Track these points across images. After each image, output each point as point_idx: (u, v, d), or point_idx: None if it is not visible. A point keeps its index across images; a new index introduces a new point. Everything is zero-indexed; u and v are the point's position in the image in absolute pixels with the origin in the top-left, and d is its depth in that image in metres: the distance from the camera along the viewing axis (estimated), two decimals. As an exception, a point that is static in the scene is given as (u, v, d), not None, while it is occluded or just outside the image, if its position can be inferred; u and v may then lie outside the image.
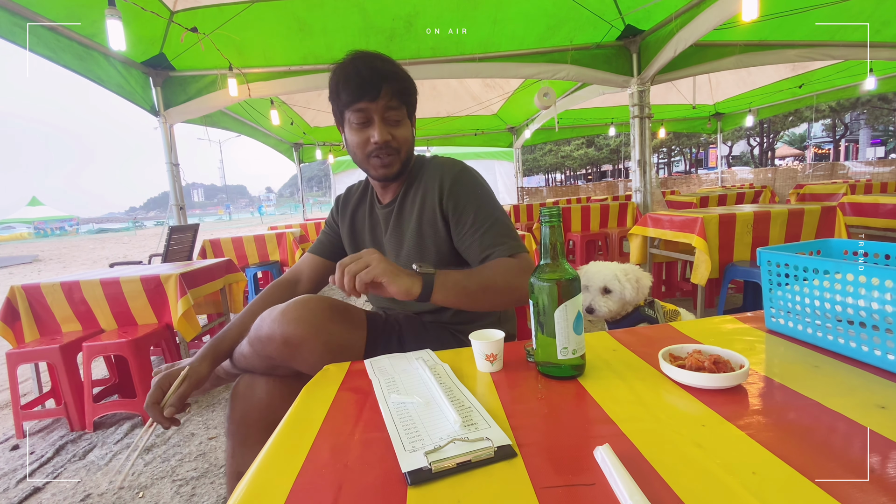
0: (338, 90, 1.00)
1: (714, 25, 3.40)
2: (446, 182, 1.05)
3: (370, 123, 1.00)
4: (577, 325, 0.66)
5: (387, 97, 0.99)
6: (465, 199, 1.04)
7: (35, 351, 2.03)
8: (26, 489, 1.66)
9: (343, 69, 0.99)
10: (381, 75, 0.98)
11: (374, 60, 0.99)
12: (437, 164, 1.11)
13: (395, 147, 1.03)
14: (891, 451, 0.44)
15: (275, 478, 0.48)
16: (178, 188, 4.36)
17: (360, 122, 1.00)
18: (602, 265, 1.47)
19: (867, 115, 25.99)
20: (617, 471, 0.42)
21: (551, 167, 37.99)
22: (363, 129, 1.01)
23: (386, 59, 1.01)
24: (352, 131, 1.03)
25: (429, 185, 1.08)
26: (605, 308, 1.42)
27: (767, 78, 6.75)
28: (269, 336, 0.85)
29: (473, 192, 1.05)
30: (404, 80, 1.03)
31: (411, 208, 1.10)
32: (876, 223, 3.63)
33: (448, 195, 1.05)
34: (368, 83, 0.97)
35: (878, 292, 0.61)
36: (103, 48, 3.50)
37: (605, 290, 1.43)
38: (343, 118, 1.04)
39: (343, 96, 0.99)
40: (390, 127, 1.02)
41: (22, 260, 13.72)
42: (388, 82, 0.98)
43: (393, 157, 1.03)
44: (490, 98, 6.96)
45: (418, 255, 1.07)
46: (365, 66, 0.98)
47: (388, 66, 1.00)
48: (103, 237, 28.88)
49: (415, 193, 1.11)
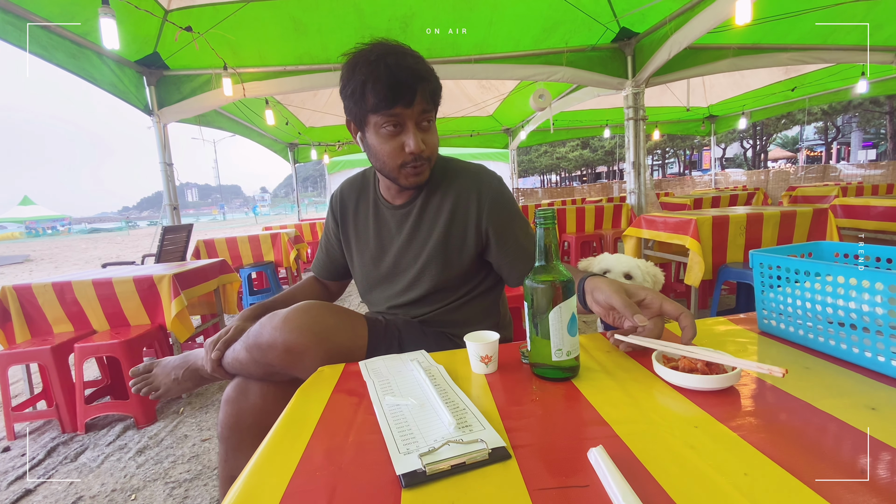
0: (363, 91, 0.87)
1: (708, 29, 3.42)
2: (486, 197, 1.01)
3: (403, 130, 0.91)
4: (571, 326, 0.67)
5: (422, 102, 0.89)
6: (509, 219, 1.02)
7: (26, 352, 2.01)
8: (18, 491, 1.64)
9: (371, 68, 0.86)
10: (417, 76, 0.87)
11: (406, 58, 0.88)
12: (472, 172, 1.05)
13: (428, 156, 0.95)
14: (882, 453, 0.45)
15: (268, 480, 0.48)
16: (172, 188, 4.33)
17: (390, 128, 0.90)
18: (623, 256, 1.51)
19: (859, 118, 26.26)
20: (610, 472, 0.43)
21: (546, 168, 38.12)
22: (394, 136, 0.91)
23: (416, 56, 0.90)
24: (379, 138, 0.92)
25: (462, 194, 1.02)
26: None
27: (760, 81, 6.80)
28: (271, 344, 0.84)
29: (514, 211, 1.04)
30: (436, 78, 0.93)
31: (436, 215, 1.03)
32: (867, 225, 3.67)
33: (490, 213, 1.01)
34: (404, 86, 0.86)
35: (868, 294, 0.62)
36: (97, 47, 3.47)
37: (627, 275, 1.46)
38: (365, 121, 0.92)
39: (372, 99, 0.87)
40: (424, 134, 0.93)
41: (13, 260, 13.58)
42: (424, 83, 0.89)
43: (425, 165, 0.95)
44: (486, 99, 6.97)
45: (441, 263, 1.03)
46: (398, 65, 0.86)
47: (420, 64, 0.89)
48: (96, 237, 28.66)
49: (441, 199, 1.03)
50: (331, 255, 1.24)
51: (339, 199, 1.18)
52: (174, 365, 1.03)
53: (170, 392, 1.02)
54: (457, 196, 1.02)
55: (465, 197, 1.02)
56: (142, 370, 1.04)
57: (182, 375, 1.01)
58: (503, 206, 1.02)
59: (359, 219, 1.14)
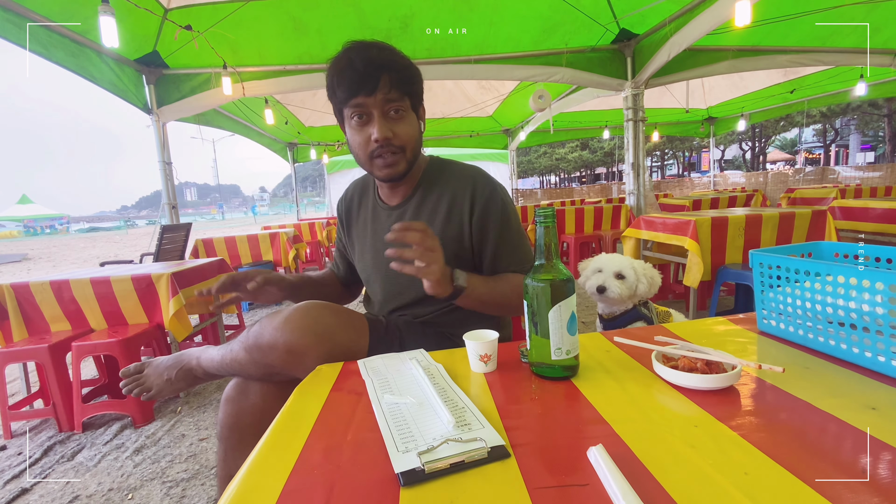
0: (333, 86, 0.93)
1: (707, 30, 3.43)
2: (480, 199, 1.02)
3: (370, 120, 0.93)
4: (570, 325, 0.66)
5: (385, 89, 0.91)
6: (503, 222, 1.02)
7: (23, 350, 2.00)
8: (14, 490, 1.64)
9: (337, 63, 0.92)
10: (377, 65, 0.90)
11: (369, 49, 0.91)
12: (468, 174, 1.05)
13: (399, 145, 0.95)
14: (882, 452, 0.45)
15: (266, 478, 0.48)
16: (171, 187, 4.32)
17: (358, 118, 0.93)
18: (617, 255, 1.54)
19: (857, 120, 26.33)
20: (610, 471, 0.42)
21: (546, 169, 38.12)
22: (363, 126, 0.94)
23: (384, 47, 0.93)
24: (352, 130, 0.96)
25: (456, 194, 1.03)
26: (616, 290, 1.47)
27: (759, 83, 6.81)
28: (272, 345, 0.83)
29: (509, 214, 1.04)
30: (405, 68, 0.94)
31: (432, 216, 1.04)
32: (866, 227, 3.68)
33: (483, 214, 1.01)
34: (364, 75, 0.89)
35: (868, 294, 0.62)
36: (96, 45, 3.46)
37: (619, 275, 1.49)
38: (342, 116, 0.97)
39: (339, 92, 0.92)
40: (391, 122, 0.94)
41: (11, 258, 13.55)
42: (387, 72, 0.90)
43: (398, 155, 0.96)
44: (485, 100, 6.97)
45: None
46: (359, 56, 0.89)
47: (385, 54, 0.92)
48: (94, 236, 28.63)
49: (437, 201, 1.04)
50: (342, 258, 1.29)
51: (344, 203, 1.22)
52: (167, 365, 1.01)
53: (162, 393, 1.01)
54: (452, 197, 1.03)
55: (461, 198, 1.02)
56: (133, 371, 1.02)
57: (175, 376, 1.00)
58: (497, 209, 1.02)
59: (360, 220, 1.17)
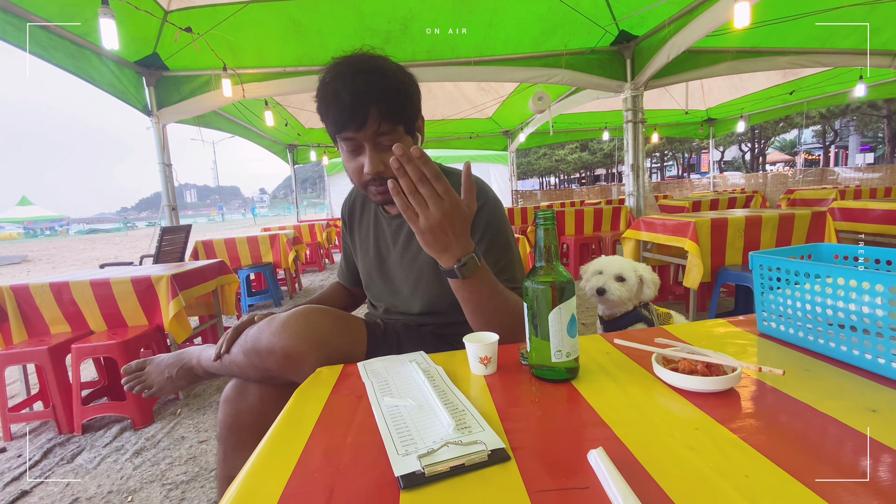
0: (322, 114, 0.90)
1: (707, 32, 3.43)
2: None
3: (360, 151, 0.90)
4: (571, 327, 0.66)
5: (375, 123, 0.86)
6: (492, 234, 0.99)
7: (23, 352, 2.00)
8: (14, 492, 1.63)
9: (323, 91, 0.87)
10: (365, 98, 0.84)
11: (356, 78, 0.84)
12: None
13: (392, 175, 0.91)
14: (883, 455, 0.45)
15: (265, 481, 0.48)
16: (171, 189, 4.32)
17: (350, 149, 0.91)
18: (618, 258, 1.54)
19: (857, 121, 26.35)
20: (611, 474, 0.42)
21: (545, 171, 38.14)
22: (355, 156, 0.92)
23: (372, 71, 0.86)
24: (344, 156, 0.94)
25: None
26: (616, 293, 1.47)
27: (759, 84, 6.83)
28: (269, 349, 0.83)
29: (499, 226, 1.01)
30: (395, 94, 0.88)
31: None
32: (865, 228, 3.68)
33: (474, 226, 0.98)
34: (351, 110, 0.84)
35: (868, 296, 0.62)
36: (96, 47, 3.47)
37: (619, 277, 1.50)
38: (334, 139, 0.95)
39: (327, 124, 0.90)
40: (383, 154, 0.90)
41: (11, 260, 13.55)
42: (375, 104, 0.85)
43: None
44: (485, 101, 6.98)
45: (433, 277, 1.02)
46: (346, 88, 0.84)
47: (374, 83, 0.85)
48: (94, 238, 28.62)
49: None
50: (348, 261, 1.29)
51: (347, 207, 1.22)
52: (168, 363, 1.02)
53: (163, 390, 1.01)
54: None
55: None
56: (134, 368, 1.03)
57: (176, 374, 1.00)
58: (482, 222, 0.99)
59: (363, 226, 1.17)
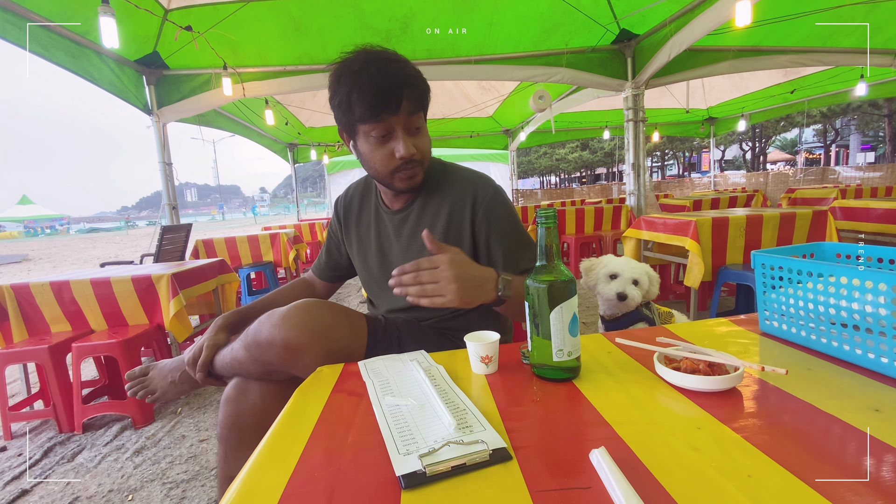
0: (349, 102, 0.89)
1: (708, 30, 3.42)
2: (481, 203, 1.01)
3: (392, 136, 0.92)
4: (572, 327, 0.66)
5: (409, 107, 0.90)
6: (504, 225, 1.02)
7: (23, 351, 2.00)
8: (14, 491, 1.63)
9: (355, 79, 0.87)
10: (400, 82, 0.88)
11: (389, 65, 0.88)
12: (469, 178, 1.05)
13: (420, 159, 0.96)
14: (886, 454, 0.45)
15: (266, 481, 0.48)
16: (171, 188, 4.32)
17: (380, 135, 0.91)
18: (632, 261, 1.54)
19: (857, 120, 26.32)
20: (613, 474, 0.42)
21: (546, 170, 38.12)
22: (384, 143, 0.92)
23: (400, 60, 0.91)
24: (370, 145, 0.93)
25: (458, 199, 1.02)
26: (637, 298, 1.48)
27: (760, 83, 6.81)
28: (269, 341, 0.83)
29: (511, 218, 1.03)
30: (420, 81, 0.93)
31: (433, 220, 1.03)
32: (866, 227, 3.68)
33: (484, 218, 1.01)
34: (388, 94, 0.87)
35: (871, 295, 0.61)
36: (96, 46, 3.46)
37: (634, 281, 1.50)
38: (355, 130, 0.94)
39: (359, 109, 0.89)
40: (414, 137, 0.94)
41: (11, 259, 13.56)
42: (408, 88, 0.89)
43: (418, 168, 0.96)
44: (485, 100, 6.97)
45: None
46: (381, 73, 0.87)
47: (405, 69, 0.90)
48: (94, 237, 28.64)
49: (438, 205, 1.03)
50: (331, 257, 1.26)
51: (343, 203, 1.21)
52: (171, 367, 1.02)
53: (166, 395, 1.02)
54: (453, 202, 1.03)
55: (461, 202, 1.02)
56: (138, 373, 1.04)
57: (179, 378, 1.00)
58: (498, 212, 1.01)
59: (361, 223, 1.16)
